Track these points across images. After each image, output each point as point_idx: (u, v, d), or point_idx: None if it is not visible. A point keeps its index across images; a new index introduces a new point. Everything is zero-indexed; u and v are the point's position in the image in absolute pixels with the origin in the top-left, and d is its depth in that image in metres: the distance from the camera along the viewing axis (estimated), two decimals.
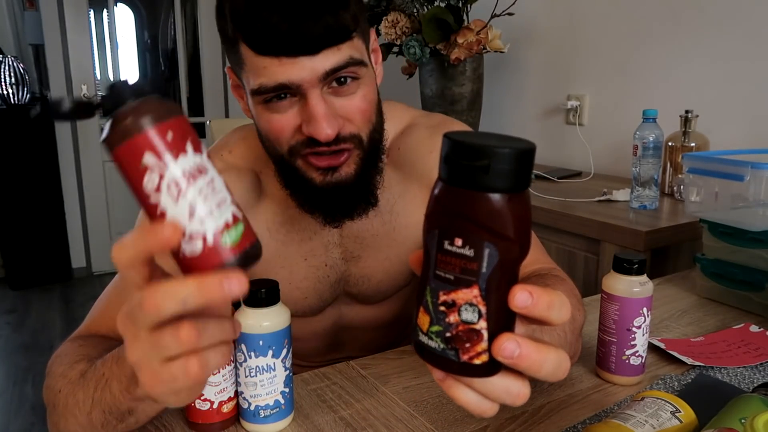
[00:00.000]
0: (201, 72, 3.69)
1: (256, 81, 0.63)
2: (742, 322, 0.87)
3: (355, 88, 0.67)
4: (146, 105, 0.36)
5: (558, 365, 0.36)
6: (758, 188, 0.88)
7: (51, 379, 0.60)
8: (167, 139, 0.36)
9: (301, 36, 0.60)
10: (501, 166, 0.32)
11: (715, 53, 1.66)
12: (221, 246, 0.37)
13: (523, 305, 0.34)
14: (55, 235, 3.37)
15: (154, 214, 0.36)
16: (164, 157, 0.36)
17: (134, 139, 0.35)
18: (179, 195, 0.36)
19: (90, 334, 0.68)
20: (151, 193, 0.36)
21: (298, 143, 0.67)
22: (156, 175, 0.36)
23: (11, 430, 2.04)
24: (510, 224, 0.33)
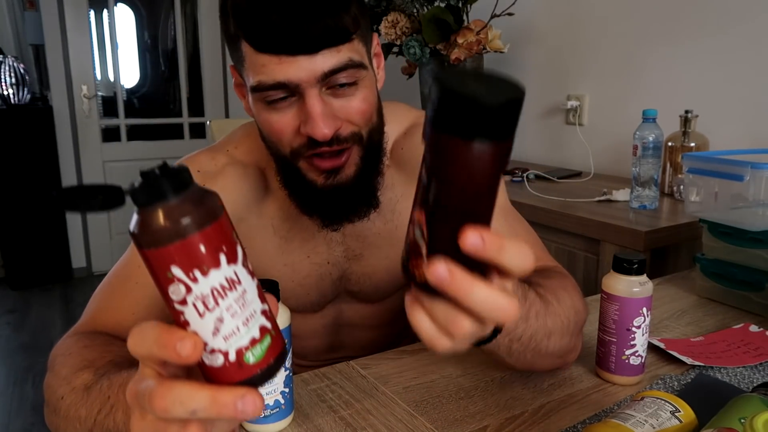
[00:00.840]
0: (201, 72, 3.69)
1: (255, 78, 0.63)
2: (742, 322, 0.87)
3: (353, 91, 0.67)
4: (183, 207, 0.33)
5: (494, 301, 0.37)
6: (758, 188, 0.89)
7: (54, 378, 0.60)
8: (199, 252, 0.33)
9: (301, 35, 0.60)
10: (439, 100, 0.33)
11: (715, 53, 1.66)
12: (243, 364, 0.35)
13: (471, 246, 0.35)
14: (55, 235, 3.37)
15: (178, 319, 0.35)
16: (193, 273, 0.33)
17: (163, 249, 0.32)
18: (205, 312, 0.34)
19: (93, 329, 0.67)
20: (176, 302, 0.34)
21: (300, 145, 0.67)
22: (182, 288, 0.33)
23: (11, 430, 2.04)
24: (441, 164, 0.35)
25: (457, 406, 0.65)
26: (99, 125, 3.48)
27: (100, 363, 0.58)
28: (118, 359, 0.58)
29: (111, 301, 0.70)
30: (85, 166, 3.46)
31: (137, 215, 0.34)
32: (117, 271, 0.72)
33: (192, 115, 3.74)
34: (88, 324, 0.68)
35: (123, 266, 0.72)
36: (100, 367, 0.57)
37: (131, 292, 0.69)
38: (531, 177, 1.82)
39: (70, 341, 0.64)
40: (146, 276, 0.69)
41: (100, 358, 0.58)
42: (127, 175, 3.57)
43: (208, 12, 3.62)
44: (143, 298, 0.69)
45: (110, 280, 0.72)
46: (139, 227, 0.33)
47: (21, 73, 3.27)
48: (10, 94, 3.23)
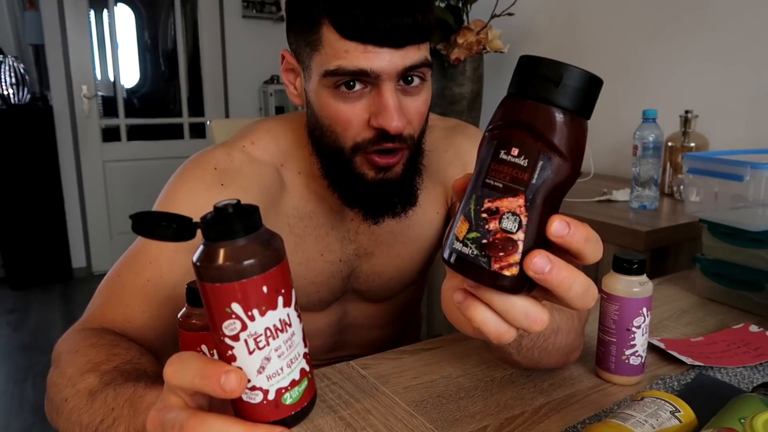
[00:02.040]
0: (201, 72, 3.69)
1: (335, 62, 0.63)
2: (742, 322, 0.87)
3: (420, 90, 0.68)
4: (253, 247, 0.34)
5: (587, 289, 0.36)
6: (758, 188, 0.89)
7: (59, 376, 0.59)
8: (261, 293, 0.34)
9: (392, 27, 0.61)
10: (572, 84, 0.34)
11: (715, 53, 1.66)
12: (280, 404, 0.36)
13: (559, 234, 0.34)
14: (56, 235, 3.37)
15: (223, 352, 0.35)
16: (252, 312, 0.34)
17: (227, 286, 0.33)
18: (255, 350, 0.35)
19: (101, 325, 0.66)
20: (228, 337, 0.35)
21: (365, 140, 0.68)
22: (238, 325, 0.34)
23: (11, 430, 2.04)
24: (567, 142, 0.34)
25: (457, 406, 0.65)
26: (99, 125, 3.48)
27: (106, 367, 0.57)
28: (123, 365, 0.58)
29: (120, 297, 0.69)
30: (85, 166, 3.47)
31: (205, 248, 0.35)
32: (126, 266, 0.71)
33: (192, 115, 3.74)
34: (95, 319, 0.67)
35: (133, 261, 0.71)
36: (105, 372, 0.56)
37: (142, 289, 0.69)
38: None
39: (77, 337, 0.63)
40: (158, 274, 0.70)
41: (106, 362, 0.58)
42: (127, 175, 3.57)
43: (208, 12, 3.62)
44: (154, 296, 0.69)
45: (119, 273, 0.70)
46: (205, 260, 0.34)
47: (21, 73, 3.27)
48: (10, 94, 3.23)
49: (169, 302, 0.69)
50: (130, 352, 0.61)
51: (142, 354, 0.62)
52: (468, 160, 0.82)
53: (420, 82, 0.68)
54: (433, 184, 0.82)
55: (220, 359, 0.36)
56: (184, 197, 0.72)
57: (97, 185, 3.52)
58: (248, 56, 3.70)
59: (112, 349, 0.60)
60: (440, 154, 0.82)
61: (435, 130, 0.84)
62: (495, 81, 2.35)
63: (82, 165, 3.46)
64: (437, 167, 0.82)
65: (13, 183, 3.18)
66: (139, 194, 3.59)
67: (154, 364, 0.61)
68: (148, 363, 0.60)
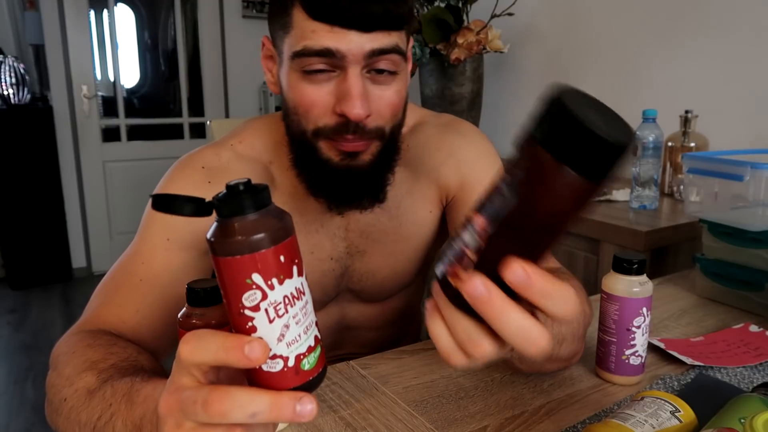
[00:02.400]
0: (201, 72, 3.69)
1: (302, 43, 0.63)
2: (742, 322, 0.87)
3: (391, 80, 0.67)
4: (266, 222, 0.35)
5: (526, 332, 0.34)
6: (758, 188, 0.89)
7: (57, 377, 0.59)
8: (279, 262, 0.36)
9: (360, 11, 0.61)
10: (572, 137, 0.31)
11: (715, 53, 1.66)
12: (299, 370, 0.37)
13: (514, 280, 0.33)
14: (56, 235, 3.37)
15: (242, 325, 0.36)
16: (272, 280, 0.35)
17: (248, 257, 0.35)
18: (275, 318, 0.36)
19: (96, 327, 0.66)
20: (248, 308, 0.36)
21: (327, 126, 0.66)
22: (259, 295, 0.35)
23: (12, 429, 2.04)
24: (540, 189, 0.32)
25: (457, 406, 0.65)
26: (99, 125, 3.48)
27: (104, 365, 0.57)
28: (120, 362, 0.58)
29: (114, 298, 0.69)
30: (85, 166, 3.47)
31: (220, 225, 0.36)
32: (120, 267, 0.71)
33: (192, 115, 3.74)
34: (90, 321, 0.68)
35: (126, 262, 0.71)
36: (103, 370, 0.56)
37: (135, 289, 0.69)
38: None
39: (74, 339, 0.63)
40: (150, 273, 0.69)
41: (103, 360, 0.58)
42: (127, 175, 3.57)
43: (208, 12, 3.62)
44: (147, 295, 0.69)
45: (113, 275, 0.71)
46: (221, 236, 0.35)
47: (21, 73, 3.27)
48: (10, 94, 3.23)
49: (162, 302, 0.69)
50: (127, 350, 0.61)
51: (139, 352, 0.62)
52: (462, 158, 0.81)
53: (390, 74, 0.66)
54: (427, 182, 0.81)
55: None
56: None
57: (97, 185, 3.52)
58: (248, 56, 3.70)
59: (109, 348, 0.60)
60: (433, 152, 0.81)
61: (428, 127, 0.83)
62: (495, 81, 2.35)
63: (82, 165, 3.46)
64: (430, 165, 0.81)
65: (13, 183, 3.18)
66: (139, 194, 3.58)
67: (152, 362, 0.61)
68: (146, 360, 0.60)
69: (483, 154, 0.83)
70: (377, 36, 0.63)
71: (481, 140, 0.84)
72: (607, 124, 0.31)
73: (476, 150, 0.82)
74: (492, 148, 0.84)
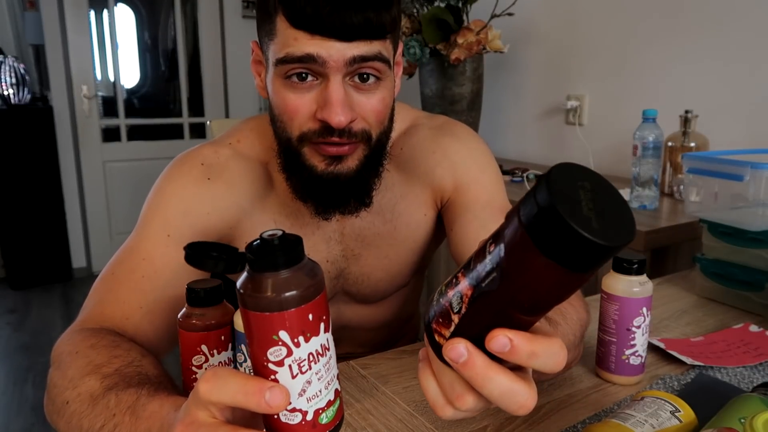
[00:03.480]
0: (201, 72, 3.69)
1: (284, 50, 0.64)
2: (742, 322, 0.87)
3: (375, 88, 0.67)
4: (298, 279, 0.35)
5: (508, 393, 0.34)
6: (758, 188, 0.89)
7: (60, 378, 0.59)
8: (306, 320, 0.36)
9: (340, 21, 0.61)
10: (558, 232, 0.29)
11: (714, 53, 1.66)
12: (317, 424, 0.38)
13: (497, 349, 0.33)
14: (56, 235, 3.37)
15: (265, 376, 0.36)
16: (298, 338, 0.35)
17: (276, 315, 0.35)
18: (298, 374, 0.36)
19: (99, 325, 0.66)
20: (272, 363, 0.36)
21: (311, 130, 0.67)
22: (284, 351, 0.35)
23: (11, 430, 2.04)
24: (523, 274, 0.31)
25: None
26: (99, 125, 3.48)
27: (107, 370, 0.57)
28: (124, 368, 0.58)
29: (117, 294, 0.69)
30: (85, 166, 3.47)
31: (251, 277, 0.36)
32: (120, 264, 0.71)
33: (192, 115, 3.74)
34: (93, 318, 0.67)
35: (126, 258, 0.71)
36: (107, 375, 0.56)
37: (138, 285, 0.69)
38: (531, 177, 1.83)
39: (77, 337, 0.63)
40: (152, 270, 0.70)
41: (107, 364, 0.58)
42: (128, 175, 3.57)
43: (208, 12, 3.62)
44: (151, 291, 0.69)
45: (113, 271, 0.71)
46: (253, 290, 0.35)
47: (21, 73, 3.27)
48: (10, 94, 3.23)
49: (164, 298, 0.69)
50: (131, 354, 0.60)
51: (143, 356, 0.61)
52: (456, 160, 0.80)
53: (375, 81, 0.67)
54: (421, 185, 0.81)
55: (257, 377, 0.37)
56: (172, 193, 0.73)
57: (97, 185, 3.52)
58: (248, 56, 3.64)
59: (113, 351, 0.60)
60: (427, 155, 0.81)
61: (421, 129, 0.83)
62: (495, 81, 2.35)
63: (82, 165, 3.46)
64: (424, 168, 0.80)
65: (13, 183, 3.18)
66: (139, 194, 3.58)
67: (156, 366, 0.60)
68: (150, 365, 0.60)
69: (477, 155, 0.82)
70: (359, 45, 0.63)
71: (476, 142, 0.84)
72: (602, 217, 0.29)
73: (470, 152, 0.82)
74: (486, 149, 0.84)
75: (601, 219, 0.29)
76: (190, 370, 0.57)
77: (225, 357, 0.57)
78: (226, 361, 0.57)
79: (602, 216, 0.30)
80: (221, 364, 0.57)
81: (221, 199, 0.74)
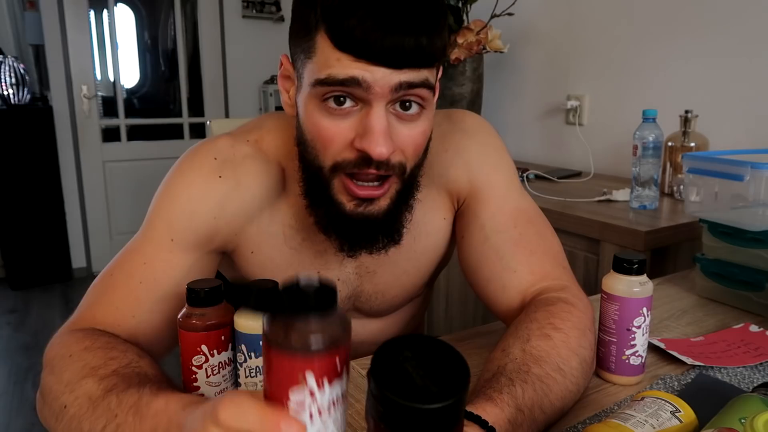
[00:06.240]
0: (201, 72, 3.68)
1: (326, 71, 0.58)
2: (742, 322, 0.87)
3: (417, 117, 0.62)
4: (329, 326, 0.36)
5: None
6: (758, 188, 0.89)
7: (56, 382, 0.58)
8: (332, 367, 0.36)
9: (390, 47, 0.56)
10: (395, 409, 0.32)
11: (714, 53, 1.66)
12: None
13: None
14: (56, 235, 3.37)
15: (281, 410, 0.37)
16: (322, 383, 0.36)
17: (304, 358, 0.35)
18: (318, 418, 0.37)
19: (91, 327, 0.65)
20: (294, 404, 0.36)
21: (346, 161, 0.62)
22: (307, 395, 0.36)
23: (12, 429, 2.04)
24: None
25: None
26: (99, 125, 3.48)
27: (104, 372, 0.56)
28: (122, 369, 0.57)
29: (111, 298, 0.67)
30: (85, 166, 3.46)
31: (282, 321, 0.36)
32: (120, 265, 0.69)
33: (192, 115, 3.74)
34: (85, 319, 0.66)
35: (127, 260, 0.69)
36: (104, 377, 0.55)
37: (134, 292, 0.67)
38: (531, 177, 1.83)
39: (70, 339, 0.62)
40: (151, 276, 0.68)
41: (103, 366, 0.57)
42: (128, 175, 3.57)
43: (208, 12, 3.62)
44: (146, 300, 0.67)
45: (112, 272, 0.68)
46: (286, 332, 0.35)
47: (21, 73, 3.27)
48: (10, 94, 3.23)
49: (161, 306, 0.67)
50: (128, 355, 0.59)
51: (140, 356, 0.60)
52: (468, 158, 0.77)
53: (418, 109, 0.62)
54: (437, 189, 0.77)
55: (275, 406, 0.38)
56: (180, 191, 0.69)
57: (97, 185, 3.52)
58: (248, 56, 3.69)
59: (109, 353, 0.59)
60: (440, 154, 0.76)
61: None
62: (495, 81, 2.35)
63: (82, 165, 3.46)
64: (439, 169, 0.77)
65: (13, 183, 3.18)
66: (139, 194, 3.59)
67: (153, 367, 0.60)
68: (147, 366, 0.59)
69: (490, 151, 0.79)
70: (407, 71, 0.58)
71: (486, 135, 0.80)
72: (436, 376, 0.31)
73: (482, 148, 0.78)
74: (497, 142, 0.80)
75: (436, 378, 0.31)
76: (190, 370, 0.57)
77: (225, 357, 0.57)
78: (226, 361, 0.57)
79: (435, 375, 0.31)
80: (221, 364, 0.57)
81: (230, 202, 0.70)
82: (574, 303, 0.68)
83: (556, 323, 0.63)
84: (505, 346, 0.61)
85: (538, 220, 0.77)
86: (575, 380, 0.61)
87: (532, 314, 0.65)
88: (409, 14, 0.56)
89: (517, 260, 0.72)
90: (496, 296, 0.73)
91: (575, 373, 0.61)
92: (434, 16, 0.58)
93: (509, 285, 0.72)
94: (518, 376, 0.56)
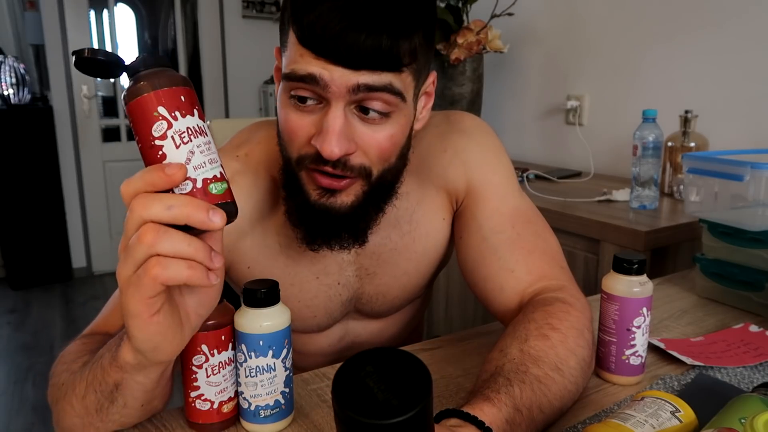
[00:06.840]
0: (201, 72, 3.69)
1: (290, 66, 0.59)
2: (742, 322, 0.87)
3: (382, 122, 0.61)
4: (169, 72, 0.45)
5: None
6: (758, 188, 0.89)
7: (55, 377, 0.60)
8: (180, 100, 0.44)
9: (346, 47, 0.55)
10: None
11: (715, 53, 1.66)
12: (208, 192, 0.44)
13: None
14: (56, 235, 3.37)
15: (154, 155, 0.44)
16: (175, 112, 0.44)
17: (155, 92, 0.43)
18: (180, 144, 0.44)
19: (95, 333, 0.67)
20: (157, 138, 0.43)
21: (307, 155, 0.63)
22: (165, 125, 0.43)
23: (11, 430, 2.04)
24: None
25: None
26: (99, 125, 3.48)
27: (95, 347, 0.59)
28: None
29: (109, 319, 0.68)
30: (85, 166, 3.47)
31: (135, 76, 0.44)
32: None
33: None
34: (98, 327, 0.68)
35: None
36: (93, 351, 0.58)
37: None
38: (531, 177, 1.83)
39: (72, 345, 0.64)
40: None
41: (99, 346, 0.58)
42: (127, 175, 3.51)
43: (208, 12, 3.62)
44: None
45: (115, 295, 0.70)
46: (136, 81, 0.44)
47: (21, 73, 3.27)
48: (10, 94, 3.23)
49: None
50: None
51: None
52: (466, 158, 0.76)
53: (379, 117, 0.60)
54: (436, 189, 0.77)
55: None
56: None
57: (97, 185, 3.52)
58: (248, 56, 3.70)
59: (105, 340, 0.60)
60: (438, 154, 0.77)
61: (429, 127, 0.78)
62: (495, 81, 2.35)
63: (82, 165, 3.46)
64: (437, 170, 0.76)
65: (13, 183, 3.18)
66: None
67: None
68: None
69: (487, 152, 0.78)
70: (366, 74, 0.57)
71: (484, 136, 0.80)
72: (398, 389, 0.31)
73: (480, 149, 0.78)
74: (496, 143, 0.80)
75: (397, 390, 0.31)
76: (191, 370, 0.57)
77: (225, 357, 0.57)
78: (226, 361, 0.57)
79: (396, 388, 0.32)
80: (221, 364, 0.57)
81: None
82: (571, 303, 0.68)
83: (554, 323, 0.63)
84: (503, 346, 0.61)
85: (536, 221, 0.77)
86: (574, 380, 0.61)
87: (530, 314, 0.65)
88: (372, 14, 0.55)
89: (514, 260, 0.72)
90: (494, 296, 0.73)
91: (574, 373, 0.61)
92: (403, 18, 0.57)
93: (507, 285, 0.72)
94: (516, 376, 0.56)
